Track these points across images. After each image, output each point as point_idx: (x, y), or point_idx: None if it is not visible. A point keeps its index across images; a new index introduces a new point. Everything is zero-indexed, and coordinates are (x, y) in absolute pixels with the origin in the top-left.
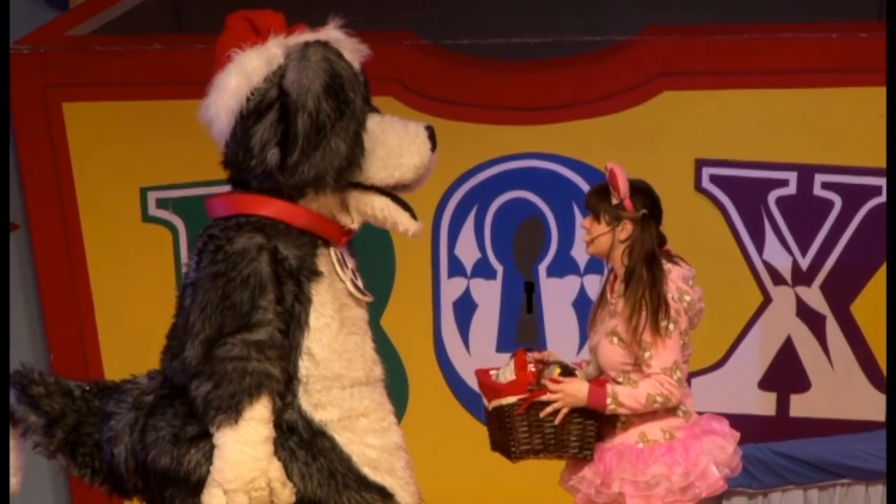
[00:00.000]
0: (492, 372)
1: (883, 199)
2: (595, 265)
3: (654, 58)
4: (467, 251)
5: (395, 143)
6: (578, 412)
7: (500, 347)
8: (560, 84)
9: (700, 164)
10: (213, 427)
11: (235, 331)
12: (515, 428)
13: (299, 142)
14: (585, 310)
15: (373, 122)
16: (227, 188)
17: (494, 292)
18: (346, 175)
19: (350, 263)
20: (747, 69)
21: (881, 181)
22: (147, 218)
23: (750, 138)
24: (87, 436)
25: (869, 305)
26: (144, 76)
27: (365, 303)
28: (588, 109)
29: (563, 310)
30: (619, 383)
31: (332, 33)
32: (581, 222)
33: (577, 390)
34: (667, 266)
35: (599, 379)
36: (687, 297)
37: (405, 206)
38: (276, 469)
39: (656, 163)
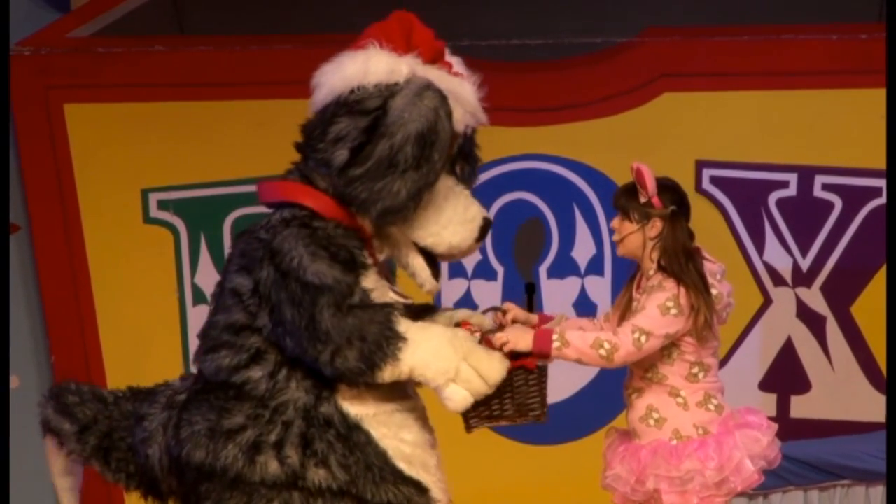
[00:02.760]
0: None
1: (883, 200)
2: (596, 267)
3: (654, 59)
4: None
5: (447, 216)
6: (536, 376)
7: None
8: (561, 85)
9: (700, 165)
10: (386, 372)
11: (335, 303)
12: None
13: (369, 163)
14: (586, 310)
15: (442, 185)
16: (227, 189)
17: (495, 293)
18: (390, 218)
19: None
20: (748, 71)
21: (881, 182)
22: (148, 219)
23: (750, 140)
24: (121, 440)
25: (869, 307)
26: (146, 78)
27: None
28: (588, 111)
29: (564, 311)
30: (648, 380)
31: (458, 87)
32: (580, 223)
33: (522, 333)
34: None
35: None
36: (714, 291)
37: (432, 262)
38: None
39: (657, 164)
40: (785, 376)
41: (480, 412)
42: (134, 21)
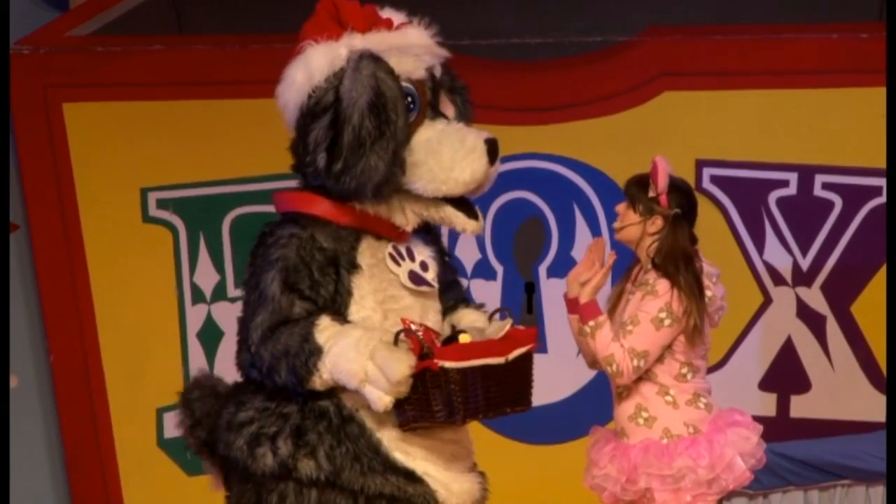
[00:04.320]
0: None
1: (883, 199)
2: None
3: (655, 58)
4: (468, 252)
5: (448, 157)
6: (525, 363)
7: None
8: (561, 84)
9: (701, 164)
10: (314, 383)
11: (269, 319)
12: (468, 388)
13: (343, 153)
14: None
15: (432, 131)
16: (226, 188)
17: (495, 293)
18: (385, 190)
19: (419, 255)
20: (748, 70)
21: (882, 182)
22: (147, 218)
23: (750, 139)
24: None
25: (869, 306)
26: (145, 77)
27: (427, 292)
28: (589, 110)
29: (564, 310)
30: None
31: (401, 38)
32: (580, 222)
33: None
34: (699, 264)
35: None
36: (708, 293)
37: (462, 205)
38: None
39: None
40: (785, 376)
41: (406, 411)
42: (133, 20)
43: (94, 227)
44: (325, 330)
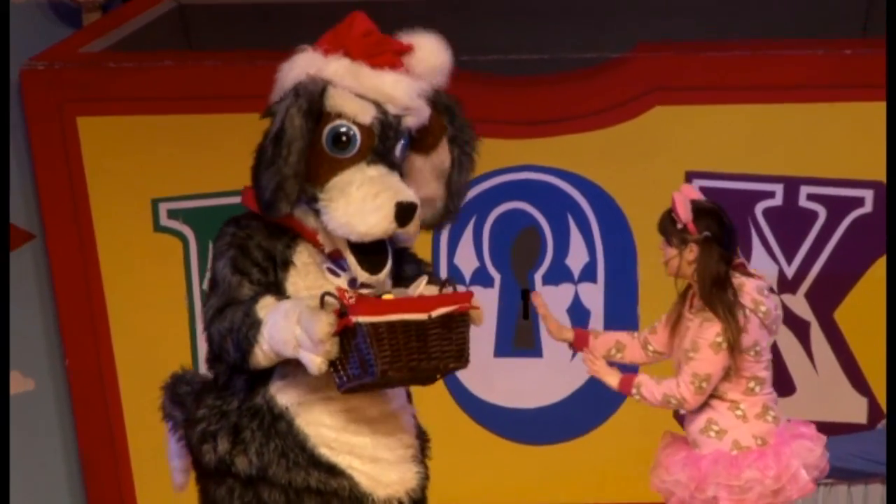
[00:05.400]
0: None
1: (867, 209)
2: (589, 274)
3: (646, 74)
4: (466, 260)
5: (356, 205)
6: (457, 323)
7: (498, 353)
8: (556, 99)
9: (690, 175)
10: (257, 357)
11: (219, 300)
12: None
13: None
14: (580, 316)
15: (360, 175)
16: (233, 199)
17: (492, 299)
18: (272, 212)
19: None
20: (736, 85)
21: (865, 193)
22: (158, 228)
23: (738, 151)
24: None
25: (852, 312)
26: (155, 91)
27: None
28: (583, 123)
29: (559, 316)
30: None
31: (375, 80)
32: (574, 232)
33: (610, 370)
34: (741, 280)
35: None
36: (762, 308)
37: (370, 259)
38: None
39: (648, 175)
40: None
41: (340, 373)
42: (143, 37)
43: (108, 236)
44: (265, 306)
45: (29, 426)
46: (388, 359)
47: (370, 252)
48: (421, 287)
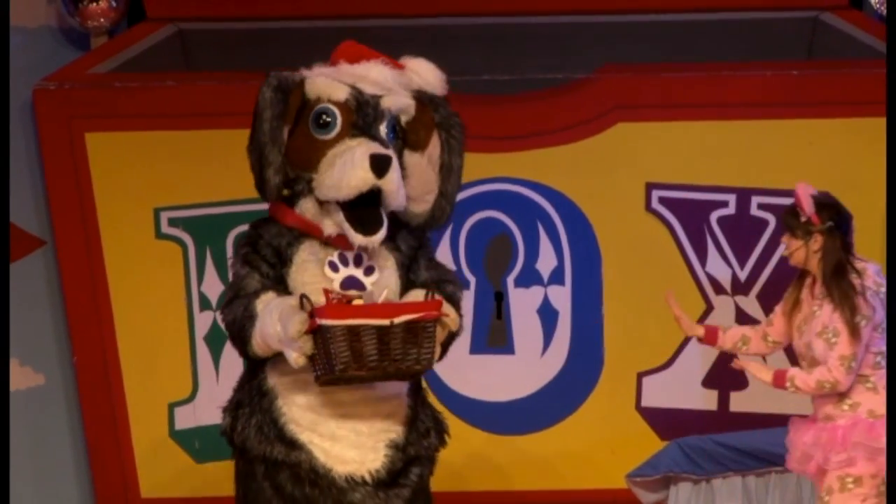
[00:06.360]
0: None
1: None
2: (557, 277)
3: (609, 93)
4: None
5: (339, 169)
6: (421, 329)
7: (473, 350)
8: (527, 116)
9: (650, 187)
10: (255, 347)
11: (230, 293)
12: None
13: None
14: (549, 316)
15: (343, 148)
16: (230, 208)
17: (468, 300)
18: (267, 192)
19: (370, 260)
20: (692, 103)
21: None
22: (160, 235)
23: (694, 164)
24: None
25: None
26: (158, 109)
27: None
28: (551, 139)
29: (529, 316)
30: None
31: (359, 70)
32: (543, 238)
33: (763, 367)
34: (863, 264)
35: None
36: (882, 289)
37: (361, 220)
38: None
39: (611, 186)
40: (725, 374)
41: (317, 368)
42: (147, 59)
43: (113, 243)
44: (264, 301)
45: (39, 418)
46: (347, 359)
47: (364, 216)
48: (410, 296)
